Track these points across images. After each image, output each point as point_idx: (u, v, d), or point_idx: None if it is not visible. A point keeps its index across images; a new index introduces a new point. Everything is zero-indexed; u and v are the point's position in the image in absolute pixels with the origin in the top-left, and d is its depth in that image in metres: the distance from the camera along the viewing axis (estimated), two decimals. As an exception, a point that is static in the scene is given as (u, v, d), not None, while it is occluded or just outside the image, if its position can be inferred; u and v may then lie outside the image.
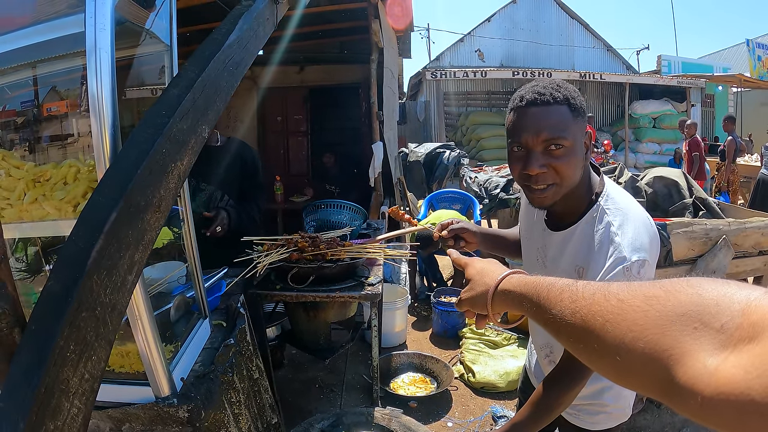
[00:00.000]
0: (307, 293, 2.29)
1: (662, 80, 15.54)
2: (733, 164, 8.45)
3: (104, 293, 0.96)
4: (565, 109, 1.21)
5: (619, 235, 1.20)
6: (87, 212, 0.98)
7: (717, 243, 3.00)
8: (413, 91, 16.77)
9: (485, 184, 6.09)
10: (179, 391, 1.41)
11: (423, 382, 3.57)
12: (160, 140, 1.10)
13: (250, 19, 1.52)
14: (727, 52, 28.57)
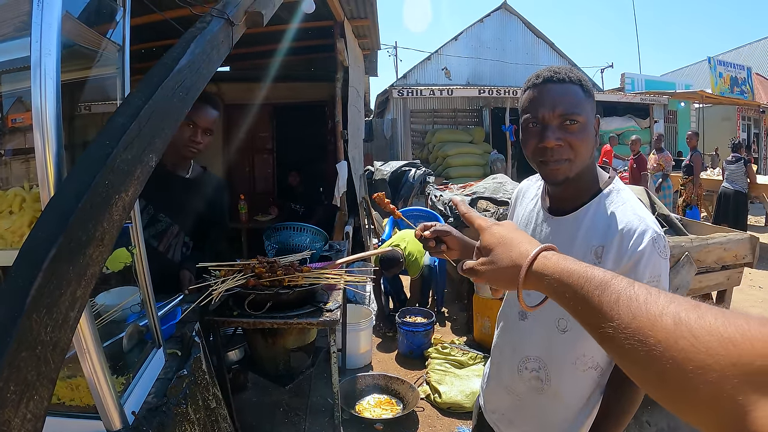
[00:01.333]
0: (265, 320, 2.25)
1: (626, 97, 16.04)
2: (699, 179, 8.73)
3: (45, 331, 0.93)
4: (578, 89, 1.26)
5: (641, 211, 1.22)
6: (26, 248, 0.95)
7: (680, 260, 3.06)
8: (380, 109, 16.88)
9: (450, 202, 6.13)
10: (131, 425, 1.37)
11: (389, 403, 3.55)
12: (103, 172, 1.07)
13: (203, 43, 1.51)
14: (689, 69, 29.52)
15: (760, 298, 6.07)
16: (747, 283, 6.42)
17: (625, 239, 1.19)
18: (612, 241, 1.21)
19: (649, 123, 15.76)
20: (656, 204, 4.14)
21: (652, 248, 1.16)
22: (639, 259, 1.16)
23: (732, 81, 17.67)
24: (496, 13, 18.31)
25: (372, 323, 4.35)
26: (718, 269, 3.32)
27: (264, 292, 2.24)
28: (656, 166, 9.15)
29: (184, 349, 1.81)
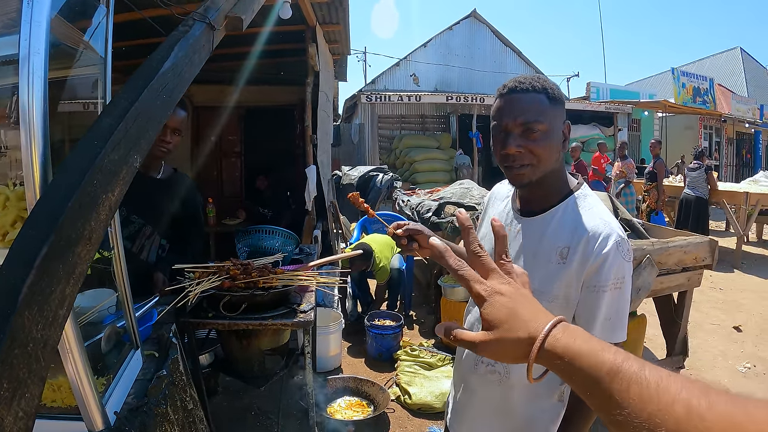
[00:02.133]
0: (240, 321, 2.26)
1: (591, 106, 16.41)
2: (662, 185, 9.01)
3: (36, 329, 0.93)
4: (542, 97, 1.32)
5: (607, 216, 1.30)
6: (17, 246, 0.96)
7: (642, 262, 3.17)
8: (348, 114, 16.90)
9: (417, 207, 6.18)
10: (113, 425, 1.37)
11: (360, 405, 3.57)
12: (92, 172, 1.09)
13: (186, 46, 1.52)
14: (653, 79, 30.51)
15: (719, 299, 6.33)
16: (708, 284, 6.70)
17: (591, 242, 1.26)
18: (578, 243, 1.28)
19: (614, 131, 16.17)
20: (619, 209, 4.27)
21: (617, 251, 1.24)
22: (603, 261, 1.24)
23: (695, 91, 18.28)
24: (466, 21, 18.54)
25: (341, 326, 4.37)
26: (678, 271, 3.46)
27: (239, 293, 2.25)
28: (619, 173, 9.42)
29: (162, 351, 1.81)
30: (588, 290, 1.27)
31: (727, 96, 20.65)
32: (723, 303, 6.18)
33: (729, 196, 8.60)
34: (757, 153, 22.72)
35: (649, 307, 4.05)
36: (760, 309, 5.98)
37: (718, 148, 21.05)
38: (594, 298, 1.26)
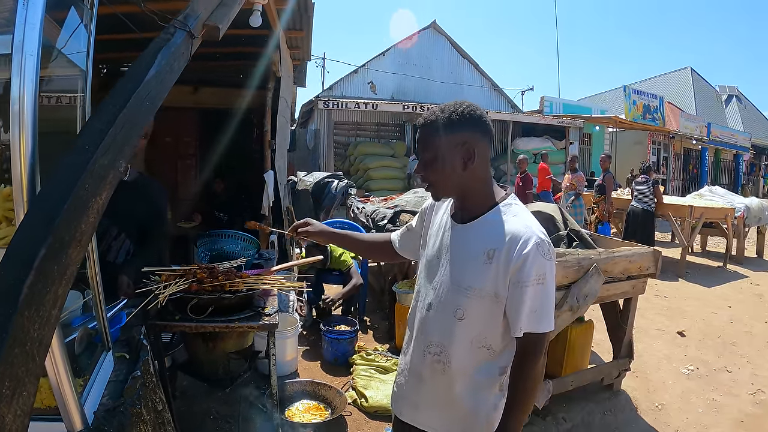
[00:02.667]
0: (207, 324, 2.28)
1: (544, 119, 16.84)
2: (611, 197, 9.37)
3: (33, 328, 0.96)
4: (435, 129, 1.49)
5: (529, 223, 1.46)
6: (15, 247, 0.98)
7: (589, 270, 3.34)
8: (304, 119, 16.85)
9: (372, 214, 6.24)
10: (92, 425, 1.39)
11: (317, 409, 3.60)
12: (84, 176, 1.12)
13: (168, 54, 1.56)
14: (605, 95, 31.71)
15: (664, 306, 6.64)
16: (653, 293, 7.04)
17: (513, 244, 1.42)
18: (502, 245, 1.43)
19: (565, 144, 16.65)
20: (568, 220, 4.44)
21: (536, 251, 1.39)
22: (525, 261, 1.40)
23: (645, 108, 18.99)
24: (425, 31, 18.76)
25: (298, 331, 4.39)
26: (624, 279, 3.64)
27: (206, 296, 2.27)
28: (569, 185, 9.75)
29: (132, 352, 1.82)
30: (514, 286, 1.42)
31: (676, 113, 21.55)
32: (668, 310, 6.48)
33: (674, 209, 9.00)
34: (704, 168, 23.80)
35: (596, 314, 4.24)
36: (702, 315, 6.29)
37: (666, 163, 21.98)
38: (519, 293, 1.41)
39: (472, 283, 1.47)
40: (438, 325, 1.57)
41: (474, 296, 1.47)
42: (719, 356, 4.99)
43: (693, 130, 22.18)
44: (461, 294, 1.49)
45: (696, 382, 4.40)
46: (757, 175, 29.01)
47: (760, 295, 7.47)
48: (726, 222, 9.09)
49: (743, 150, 26.36)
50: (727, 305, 6.80)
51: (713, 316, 6.31)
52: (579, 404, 3.78)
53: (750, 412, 3.89)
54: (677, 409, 3.89)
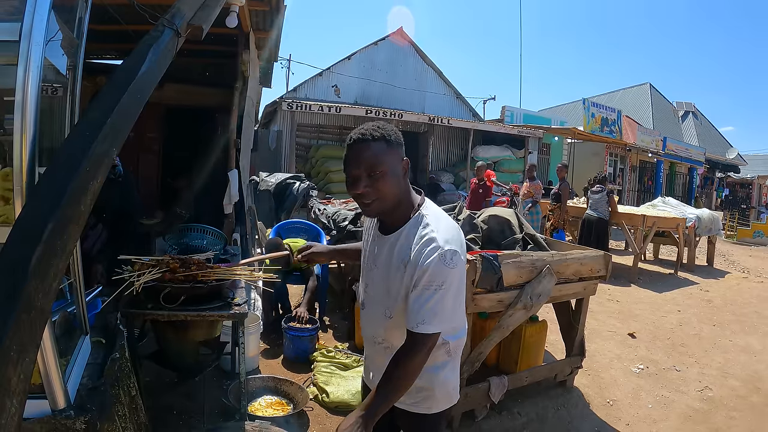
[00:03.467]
0: (179, 312, 2.34)
1: (504, 129, 17.13)
2: (566, 206, 9.67)
3: (38, 298, 1.03)
4: (381, 144, 1.58)
5: (435, 232, 1.57)
6: (24, 221, 1.05)
7: (542, 271, 3.50)
8: (267, 119, 16.75)
9: (334, 216, 6.30)
10: (75, 403, 1.44)
11: (280, 404, 3.66)
12: (86, 159, 1.19)
13: (158, 52, 1.63)
14: (565, 107, 32.52)
15: (616, 310, 6.90)
16: (606, 297, 7.33)
17: (419, 255, 1.56)
18: (412, 255, 1.58)
19: (524, 154, 17.00)
20: (524, 225, 4.60)
21: (439, 261, 1.53)
22: (427, 269, 1.53)
23: (603, 121, 19.52)
24: (391, 37, 18.91)
25: (260, 328, 4.43)
26: (575, 280, 3.83)
27: (179, 285, 2.33)
28: (527, 192, 10.03)
29: (109, 337, 1.87)
30: (416, 287, 1.55)
31: (634, 127, 22.22)
32: (619, 313, 6.73)
33: (628, 218, 9.35)
34: (658, 180, 24.49)
35: (550, 315, 4.43)
36: (653, 318, 6.58)
37: (622, 174, 22.67)
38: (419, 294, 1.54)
39: (392, 290, 1.64)
40: (375, 322, 1.76)
41: (398, 299, 1.62)
42: (668, 356, 5.25)
43: (649, 144, 22.89)
44: (388, 297, 1.66)
45: (646, 379, 4.61)
46: (710, 188, 30.12)
47: (710, 300, 7.83)
48: (678, 231, 9.48)
49: (698, 164, 27.29)
50: (677, 309, 7.12)
51: (663, 319, 6.60)
52: (533, 400, 3.94)
53: (697, 407, 4.12)
54: (628, 405, 4.09)
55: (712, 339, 5.92)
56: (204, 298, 2.44)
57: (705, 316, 6.92)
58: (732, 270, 10.83)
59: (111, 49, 6.33)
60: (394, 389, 1.55)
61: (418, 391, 1.71)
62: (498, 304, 3.42)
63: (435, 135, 16.57)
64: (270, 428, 2.19)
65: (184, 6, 1.95)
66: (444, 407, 1.76)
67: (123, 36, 5.33)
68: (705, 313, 7.04)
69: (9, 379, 0.97)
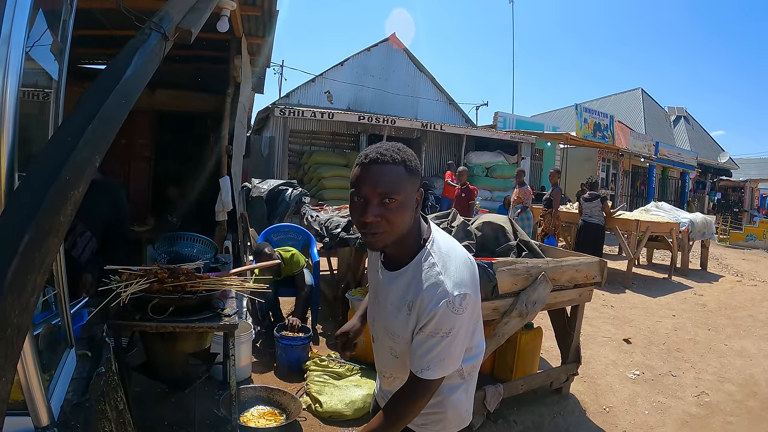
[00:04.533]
0: (168, 323, 2.29)
1: (497, 134, 17.14)
2: (557, 211, 9.68)
3: (14, 314, 0.98)
4: (401, 169, 1.42)
5: (443, 275, 1.45)
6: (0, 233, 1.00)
7: (537, 278, 3.47)
8: (259, 126, 16.72)
9: (326, 223, 6.26)
10: (58, 420, 1.39)
11: (272, 414, 3.60)
12: (66, 167, 1.14)
13: (144, 55, 1.59)
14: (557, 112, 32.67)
15: (611, 315, 6.87)
16: (600, 302, 7.31)
17: (425, 301, 1.45)
18: (417, 299, 1.47)
19: (517, 159, 17.00)
20: (518, 232, 4.59)
21: (446, 309, 1.41)
22: (434, 317, 1.42)
23: (595, 126, 19.56)
24: (384, 43, 18.91)
25: (251, 337, 4.38)
26: (571, 287, 3.80)
27: (168, 296, 2.27)
28: (516, 198, 10.03)
29: (94, 350, 1.82)
30: (422, 332, 1.45)
31: (626, 132, 22.27)
32: (614, 319, 6.71)
33: (621, 223, 9.33)
34: (651, 185, 24.56)
35: (545, 322, 4.39)
36: (648, 324, 6.56)
37: (615, 179, 22.75)
38: (425, 340, 1.45)
39: (398, 331, 1.53)
40: (382, 358, 1.68)
41: (401, 342, 1.53)
42: (664, 361, 5.22)
43: (642, 149, 22.97)
44: (391, 338, 1.57)
45: (642, 385, 4.58)
46: (703, 192, 30.26)
47: (704, 304, 7.84)
48: (671, 236, 9.52)
49: (690, 168, 27.41)
50: (671, 314, 7.12)
51: (658, 324, 6.59)
52: (529, 407, 3.89)
53: (694, 413, 4.09)
54: (624, 411, 4.05)
55: (707, 343, 5.91)
56: (193, 308, 2.39)
57: (700, 320, 6.91)
58: (726, 274, 10.87)
59: (102, 55, 6.27)
60: (391, 425, 1.48)
61: (429, 413, 1.63)
62: (493, 312, 3.38)
63: (428, 141, 16.55)
64: (262, 441, 2.13)
65: (172, 9, 1.91)
66: (455, 429, 1.68)
67: (114, 41, 5.28)
68: (700, 318, 7.04)
69: (-19, 401, 0.91)
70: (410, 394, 1.47)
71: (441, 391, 1.58)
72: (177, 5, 2.01)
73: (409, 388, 1.48)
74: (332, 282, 6.50)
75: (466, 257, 1.56)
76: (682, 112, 36.92)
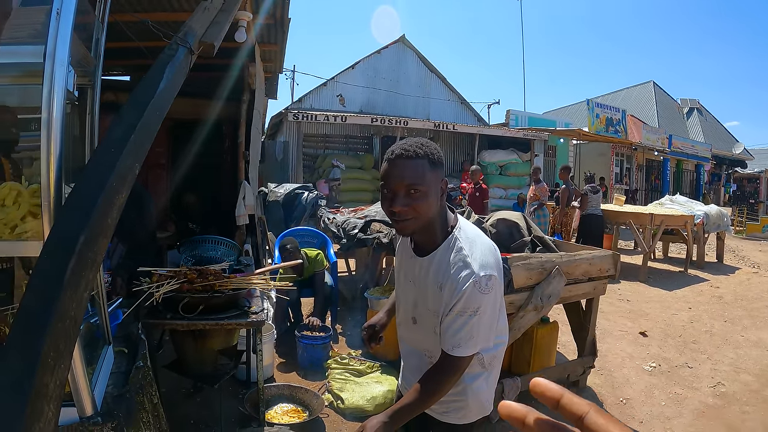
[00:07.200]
0: (198, 321, 2.40)
1: (509, 132, 17.13)
2: (566, 208, 9.69)
3: (71, 308, 1.09)
4: (425, 162, 1.55)
5: (470, 257, 1.57)
6: (57, 234, 1.11)
7: (551, 272, 3.54)
8: (273, 131, 16.87)
9: (343, 224, 6.34)
10: (101, 410, 1.49)
11: (295, 412, 3.70)
12: (113, 174, 1.25)
13: (173, 69, 1.70)
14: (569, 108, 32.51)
15: (627, 309, 6.88)
16: (616, 297, 7.33)
17: (454, 281, 1.57)
18: (447, 281, 1.59)
19: (530, 156, 16.97)
20: (532, 228, 4.65)
21: (473, 288, 1.54)
22: (463, 296, 1.54)
23: (607, 121, 19.45)
24: (394, 45, 18.91)
25: (273, 337, 4.48)
26: (585, 281, 3.87)
27: (197, 295, 2.39)
28: (533, 195, 10.06)
29: (131, 347, 1.93)
30: (452, 312, 1.57)
31: (639, 126, 22.12)
32: (630, 312, 6.72)
33: (636, 217, 9.28)
34: (666, 179, 24.42)
35: (562, 317, 4.46)
36: (664, 317, 6.58)
37: (629, 173, 22.63)
38: (455, 319, 1.56)
39: (433, 307, 1.64)
40: (426, 339, 1.75)
41: (433, 317, 1.64)
42: (680, 353, 5.26)
43: (655, 142, 22.80)
44: (432, 316, 1.66)
45: (658, 377, 4.63)
46: (718, 184, 29.96)
47: (720, 296, 7.82)
48: (686, 228, 9.49)
49: (704, 160, 27.18)
50: (687, 307, 7.13)
51: (674, 317, 6.61)
52: (531, 399, 3.95)
53: (711, 403, 4.14)
54: (641, 403, 4.11)
55: (723, 335, 5.93)
56: (221, 307, 2.50)
57: (716, 312, 6.92)
58: (742, 265, 10.80)
59: (117, 66, 6.44)
60: (421, 402, 1.57)
61: (450, 401, 1.72)
62: (509, 306, 3.45)
63: (441, 141, 16.61)
64: (289, 432, 2.24)
65: (195, 24, 2.02)
66: (476, 418, 1.77)
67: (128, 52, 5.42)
68: (716, 310, 7.04)
69: (46, 385, 1.02)
70: (442, 371, 1.57)
71: (462, 380, 1.68)
72: (199, 20, 2.12)
73: (441, 366, 1.58)
74: (350, 282, 6.59)
75: (490, 244, 1.67)
76: (695, 104, 36.54)
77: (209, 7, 2.27)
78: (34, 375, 0.96)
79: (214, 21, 2.28)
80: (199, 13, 2.17)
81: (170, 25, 3.36)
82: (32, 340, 0.99)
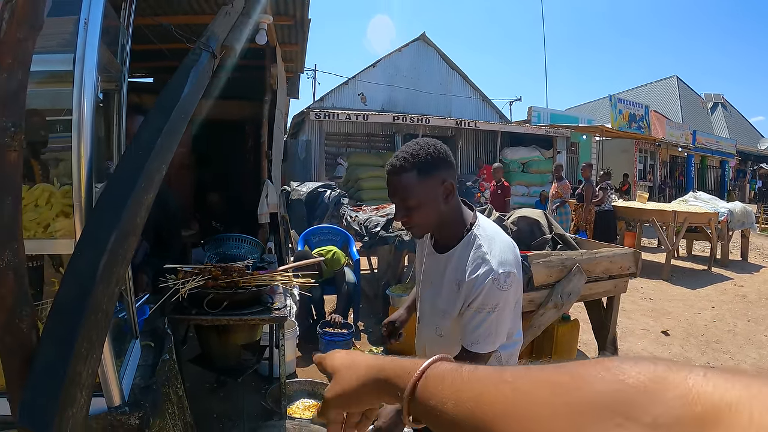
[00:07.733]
0: (222, 317, 2.47)
1: (532, 129, 17.03)
2: (590, 205, 9.67)
3: (103, 301, 1.15)
4: (412, 175, 1.56)
5: (489, 254, 1.60)
6: (90, 232, 1.17)
7: (571, 270, 3.55)
8: (295, 130, 16.98)
9: (365, 222, 6.38)
10: (129, 401, 1.56)
11: (317, 407, 3.74)
12: (142, 176, 1.32)
13: (197, 73, 1.76)
14: (591, 105, 32.14)
15: (649, 308, 6.83)
16: (639, 295, 7.30)
17: (472, 279, 1.59)
18: (465, 278, 1.61)
19: (553, 153, 16.82)
20: (553, 225, 4.65)
21: (492, 285, 1.56)
22: (481, 293, 1.56)
23: (630, 117, 19.24)
24: (414, 43, 18.87)
25: (296, 334, 4.54)
26: (605, 278, 3.87)
27: (222, 292, 2.46)
28: (555, 193, 10.01)
29: (157, 341, 2.00)
30: (470, 309, 1.59)
31: (662, 122, 21.81)
32: (653, 311, 6.68)
33: (659, 215, 9.22)
34: (689, 175, 23.98)
35: (583, 315, 4.45)
36: (686, 316, 6.52)
37: (653, 170, 22.31)
38: (473, 316, 1.59)
39: (447, 307, 1.66)
40: (428, 337, 1.80)
41: (448, 319, 1.67)
42: (702, 353, 5.21)
43: (679, 138, 22.44)
44: (438, 315, 1.71)
45: (679, 377, 4.58)
46: (743, 181, 29.38)
47: (744, 295, 7.71)
48: (709, 226, 9.36)
49: (729, 156, 26.69)
50: (710, 306, 7.04)
51: (697, 316, 6.54)
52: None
53: (732, 403, 4.08)
54: (662, 402, 4.07)
55: (746, 334, 5.85)
56: (245, 303, 2.57)
57: (739, 311, 6.83)
58: (767, 264, 10.61)
59: (141, 68, 6.59)
60: None
61: None
62: (529, 303, 3.47)
63: (463, 138, 16.58)
64: (310, 426, 2.31)
65: (217, 29, 2.08)
66: None
67: (150, 55, 5.54)
68: (739, 309, 6.96)
69: (80, 374, 1.09)
70: None
71: None
72: (221, 24, 2.18)
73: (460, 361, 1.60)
74: (372, 280, 6.64)
75: (509, 241, 1.70)
76: (720, 99, 35.89)
77: (230, 11, 2.33)
78: (69, 364, 1.03)
79: (236, 25, 2.34)
80: (221, 18, 2.24)
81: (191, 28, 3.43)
82: (67, 331, 1.06)
